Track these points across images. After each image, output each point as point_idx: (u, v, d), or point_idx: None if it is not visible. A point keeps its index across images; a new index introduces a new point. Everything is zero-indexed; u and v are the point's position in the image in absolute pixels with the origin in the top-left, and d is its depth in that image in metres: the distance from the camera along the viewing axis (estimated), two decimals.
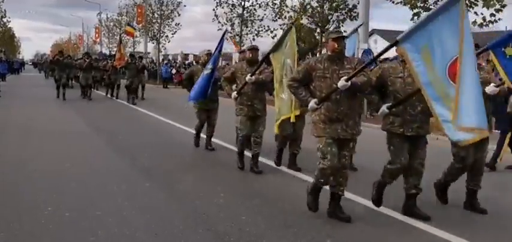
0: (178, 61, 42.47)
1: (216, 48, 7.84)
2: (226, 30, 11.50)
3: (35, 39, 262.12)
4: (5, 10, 36.50)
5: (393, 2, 13.98)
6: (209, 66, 7.57)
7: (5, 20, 39.25)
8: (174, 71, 31.43)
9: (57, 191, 5.72)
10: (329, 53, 4.77)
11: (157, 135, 10.70)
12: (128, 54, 20.81)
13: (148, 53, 40.46)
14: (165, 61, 35.88)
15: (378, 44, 37.30)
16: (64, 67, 19.48)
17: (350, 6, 18.41)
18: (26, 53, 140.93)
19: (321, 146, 4.74)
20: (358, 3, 16.79)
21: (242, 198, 5.62)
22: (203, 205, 5.27)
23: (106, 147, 8.86)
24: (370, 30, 17.35)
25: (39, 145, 9.01)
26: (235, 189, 6.04)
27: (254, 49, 7.10)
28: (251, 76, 6.61)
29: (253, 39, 24.02)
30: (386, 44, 6.40)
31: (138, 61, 19.98)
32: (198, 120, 8.78)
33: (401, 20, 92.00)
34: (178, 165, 7.43)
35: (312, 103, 4.74)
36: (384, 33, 40.30)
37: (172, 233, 4.45)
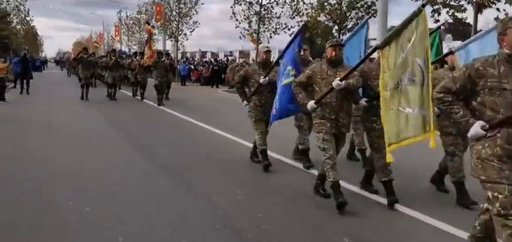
0: (196, 59, 42.72)
1: (289, 46, 6.33)
2: (304, 24, 10.08)
3: (57, 38, 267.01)
4: (28, 9, 37.19)
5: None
6: (287, 70, 6.09)
7: (28, 18, 40.01)
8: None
9: (78, 187, 5.84)
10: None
11: (175, 133, 10.81)
12: (156, 52, 19.34)
13: (167, 50, 40.79)
14: (183, 59, 36.14)
15: None
16: (88, 65, 18.46)
17: (368, 3, 18.24)
18: (49, 51, 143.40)
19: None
20: (376, 0, 16.63)
21: (259, 195, 5.65)
22: (221, 202, 5.32)
23: (126, 144, 8.99)
24: (388, 27, 17.09)
25: (61, 141, 9.21)
26: (253, 186, 6.08)
27: (339, 46, 5.42)
28: (340, 81, 5.03)
29: (271, 37, 24.05)
30: None
31: (167, 59, 18.61)
32: (256, 132, 7.08)
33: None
34: (197, 162, 7.49)
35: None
36: None
37: (190, 229, 4.51)
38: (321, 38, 19.98)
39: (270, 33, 23.87)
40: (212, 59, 37.02)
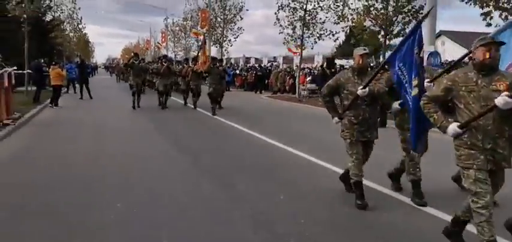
0: (240, 64, 43.09)
1: (403, 44, 5.12)
2: (425, 15, 8.10)
3: (107, 44, 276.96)
4: (81, 17, 38.73)
5: (462, 1, 13.39)
6: (410, 78, 4.92)
7: (80, 26, 41.64)
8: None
9: (125, 188, 6.04)
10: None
11: (218, 137, 10.96)
12: (211, 58, 18.31)
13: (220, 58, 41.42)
14: (228, 65, 36.53)
15: (446, 46, 35.73)
16: (139, 71, 17.65)
17: (416, 7, 17.78)
18: (99, 57, 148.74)
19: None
20: (424, 4, 16.20)
21: (302, 200, 5.63)
22: (263, 207, 5.34)
23: (171, 148, 9.20)
24: (437, 31, 16.63)
25: (111, 145, 9.56)
26: (295, 191, 6.06)
27: (495, 44, 3.88)
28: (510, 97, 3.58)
29: (315, 43, 23.88)
30: (454, 45, 6.20)
31: (220, 65, 17.40)
32: (351, 157, 5.54)
33: (470, 20, 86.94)
34: (239, 166, 7.56)
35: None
36: (451, 34, 38.50)
37: (232, 232, 4.56)
38: (367, 46, 19.64)
39: (315, 39, 23.71)
40: (256, 65, 37.25)
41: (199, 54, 17.87)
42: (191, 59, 21.17)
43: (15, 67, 13.72)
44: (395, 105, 5.44)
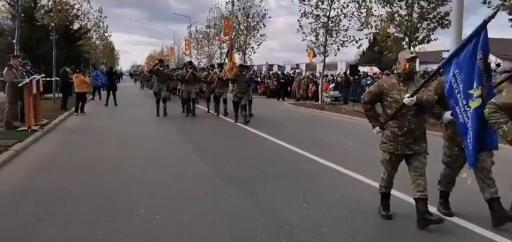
0: (263, 71, 43.18)
1: (463, 49, 4.57)
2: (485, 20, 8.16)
3: (131, 52, 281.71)
4: (107, 25, 39.52)
5: (489, 7, 13.13)
6: (473, 90, 4.36)
7: (106, 34, 42.48)
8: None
9: (149, 195, 6.10)
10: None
11: (241, 144, 10.99)
12: (239, 65, 17.80)
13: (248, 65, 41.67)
14: (251, 72, 36.64)
15: None
16: (164, 78, 17.26)
17: (441, 14, 17.51)
18: (124, 64, 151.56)
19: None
20: (450, 10, 15.93)
21: (325, 209, 5.58)
22: (285, 214, 5.31)
23: (193, 154, 9.26)
24: (463, 38, 16.29)
25: (134, 151, 9.69)
26: (318, 200, 6.01)
27: None
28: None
29: (338, 49, 23.77)
30: None
31: (248, 72, 16.84)
32: (386, 170, 5.23)
33: (498, 26, 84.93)
34: (262, 173, 7.55)
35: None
36: None
37: (254, 240, 4.54)
38: (391, 53, 19.39)
39: (338, 46, 23.61)
40: (279, 72, 37.27)
41: (226, 60, 17.51)
42: (217, 65, 20.99)
43: (43, 75, 14.06)
44: (447, 115, 4.97)
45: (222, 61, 19.45)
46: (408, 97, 4.75)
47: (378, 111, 5.27)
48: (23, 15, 16.92)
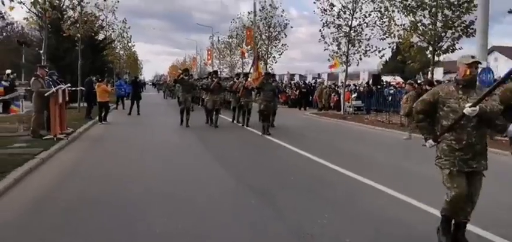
0: (284, 81, 43.19)
1: None
2: None
3: (154, 61, 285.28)
4: (130, 35, 40.27)
5: None
6: None
7: (130, 44, 43.24)
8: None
9: (170, 204, 6.14)
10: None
11: (263, 153, 10.98)
12: (265, 73, 17.25)
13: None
14: (276, 81, 36.69)
15: (499, 62, 34.37)
16: (189, 88, 17.08)
17: (466, 22, 17.23)
18: (147, 74, 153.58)
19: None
20: (475, 19, 15.67)
21: (347, 220, 5.52)
22: (307, 224, 5.27)
23: (214, 163, 9.29)
24: (489, 47, 16.01)
25: (157, 160, 9.77)
26: (340, 210, 5.95)
27: None
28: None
29: (360, 59, 23.62)
30: (508, 62, 5.82)
31: (274, 80, 16.39)
32: (450, 190, 4.48)
33: None
34: (284, 183, 7.52)
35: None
36: (504, 50, 37.04)
37: None
38: (414, 62, 19.16)
39: (360, 55, 23.45)
40: (300, 81, 37.22)
41: (252, 70, 17.27)
42: (242, 74, 20.86)
43: (69, 85, 14.36)
44: None
45: (244, 70, 19.44)
46: (470, 107, 4.21)
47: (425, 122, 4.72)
48: (50, 26, 17.32)
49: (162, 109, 26.46)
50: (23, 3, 12.35)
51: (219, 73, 46.48)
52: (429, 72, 19.25)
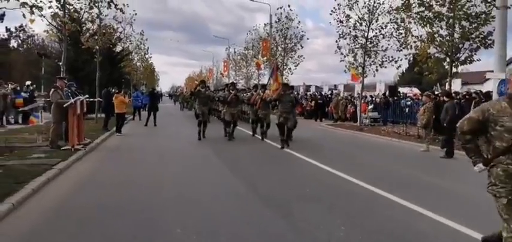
0: (300, 92, 43.14)
1: None
2: None
3: (171, 73, 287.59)
4: (148, 47, 40.69)
5: None
6: None
7: (147, 56, 43.69)
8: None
9: (185, 214, 6.14)
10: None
11: (279, 165, 10.93)
12: (283, 84, 16.45)
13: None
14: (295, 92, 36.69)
15: None
16: (206, 100, 16.71)
17: (484, 34, 17.00)
18: (163, 85, 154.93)
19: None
20: (493, 30, 15.47)
21: (363, 233, 5.44)
22: (323, 237, 5.22)
23: (230, 174, 9.28)
24: (508, 58, 15.74)
25: (173, 173, 9.80)
26: (357, 223, 5.87)
27: None
28: None
29: (377, 70, 23.47)
30: None
31: (292, 92, 15.84)
32: (507, 220, 3.96)
33: None
34: (299, 195, 7.47)
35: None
36: None
37: None
38: (431, 74, 18.93)
39: (376, 66, 23.30)
40: (316, 93, 37.12)
41: (270, 81, 16.96)
42: (260, 86, 20.53)
43: (87, 96, 14.55)
44: None
45: (260, 81, 19.44)
46: None
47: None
48: (69, 39, 17.60)
49: (179, 121, 26.62)
50: (44, 16, 12.54)
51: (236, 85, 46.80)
52: (447, 84, 18.99)
